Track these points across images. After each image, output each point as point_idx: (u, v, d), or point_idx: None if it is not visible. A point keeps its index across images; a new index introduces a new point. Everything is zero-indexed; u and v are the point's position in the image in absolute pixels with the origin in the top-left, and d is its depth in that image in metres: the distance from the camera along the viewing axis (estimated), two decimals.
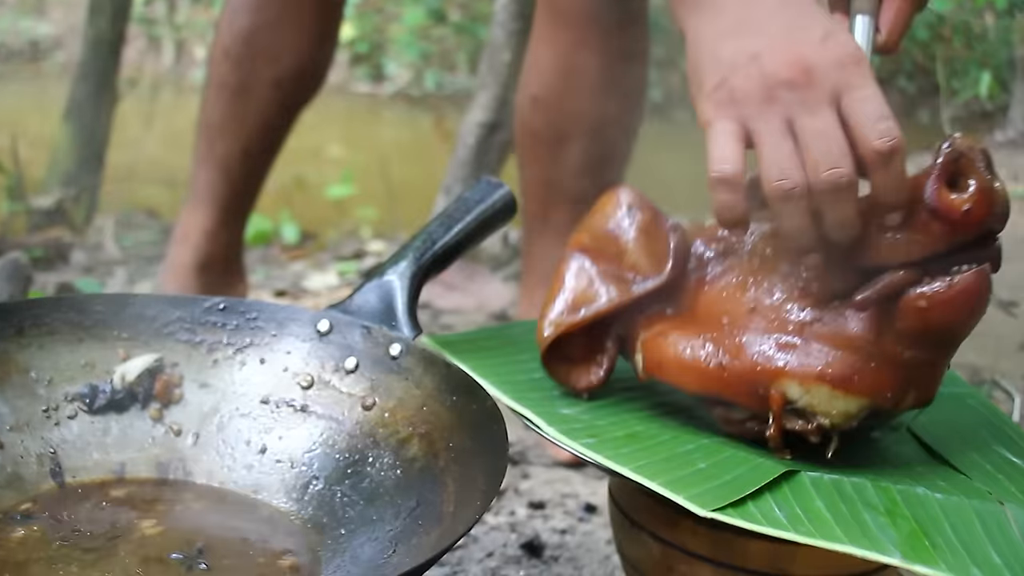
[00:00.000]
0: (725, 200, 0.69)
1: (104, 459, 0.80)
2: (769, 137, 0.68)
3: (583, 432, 0.73)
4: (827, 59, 0.67)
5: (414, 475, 0.75)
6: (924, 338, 0.67)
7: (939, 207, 0.65)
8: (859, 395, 0.67)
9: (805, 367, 0.68)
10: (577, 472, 1.20)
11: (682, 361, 0.73)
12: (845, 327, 0.68)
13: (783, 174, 0.67)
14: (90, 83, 2.34)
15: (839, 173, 0.66)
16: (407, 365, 0.80)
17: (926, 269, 0.66)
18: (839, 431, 0.68)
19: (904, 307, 0.66)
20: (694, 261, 0.77)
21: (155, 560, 0.70)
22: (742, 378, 0.70)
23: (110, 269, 2.05)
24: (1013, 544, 0.62)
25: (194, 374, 0.84)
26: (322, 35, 1.40)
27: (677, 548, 0.73)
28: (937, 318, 0.66)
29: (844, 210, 0.67)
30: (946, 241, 0.66)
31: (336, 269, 2.15)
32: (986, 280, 0.65)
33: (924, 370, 0.68)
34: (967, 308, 0.66)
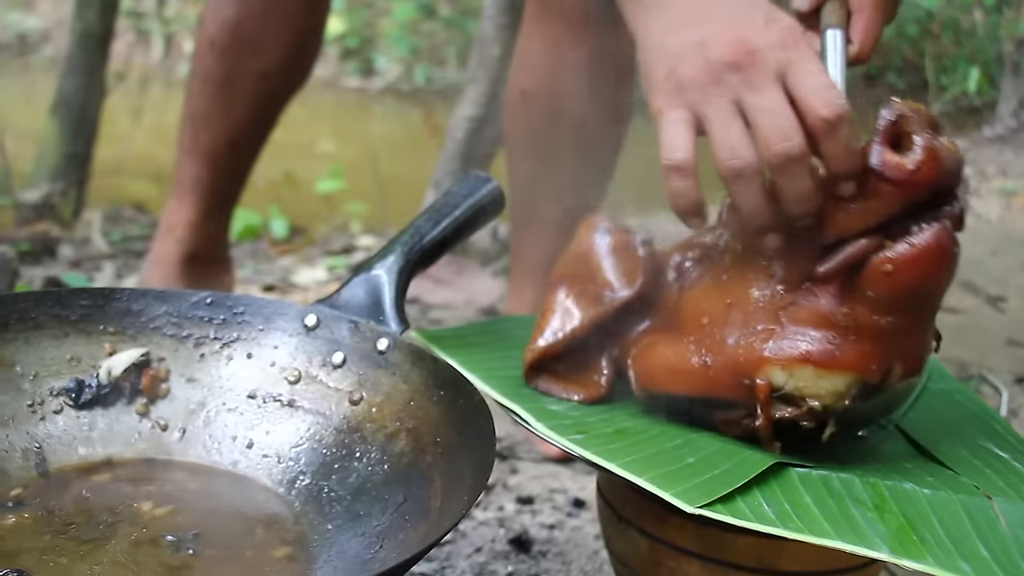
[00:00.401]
0: (678, 187, 0.70)
1: (90, 454, 0.79)
2: (718, 120, 0.69)
3: (571, 428, 0.73)
4: (769, 40, 0.68)
5: (401, 470, 0.74)
6: (896, 302, 0.66)
7: (885, 169, 0.65)
8: (844, 371, 0.67)
9: (786, 351, 0.68)
10: (566, 467, 1.20)
11: (669, 367, 0.74)
12: (820, 306, 0.68)
13: (734, 154, 0.68)
14: (78, 77, 2.33)
15: (790, 145, 0.66)
16: (394, 360, 0.80)
17: (888, 235, 0.66)
18: (833, 413, 0.68)
19: (871, 274, 0.66)
20: (674, 273, 0.78)
21: (148, 542, 0.70)
22: (727, 372, 0.70)
23: (98, 264, 2.05)
24: (1001, 538, 0.62)
25: (181, 369, 0.84)
26: (308, 26, 1.39)
27: (665, 543, 0.73)
28: (904, 279, 0.65)
29: (800, 183, 0.67)
30: (899, 202, 0.65)
31: (325, 264, 2.14)
32: (948, 236, 0.65)
33: (905, 337, 0.67)
34: (932, 265, 0.65)
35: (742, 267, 0.73)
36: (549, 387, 0.79)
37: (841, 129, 0.66)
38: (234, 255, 2.24)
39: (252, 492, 0.78)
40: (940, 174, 0.65)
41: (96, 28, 2.31)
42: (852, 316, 0.67)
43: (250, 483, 0.79)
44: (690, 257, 0.78)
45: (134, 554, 0.69)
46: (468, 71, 2.27)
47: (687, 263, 0.78)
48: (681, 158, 0.69)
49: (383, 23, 6.45)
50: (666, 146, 0.70)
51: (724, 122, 0.68)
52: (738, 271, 0.73)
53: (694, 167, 0.69)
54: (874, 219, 0.66)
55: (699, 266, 0.77)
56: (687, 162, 0.69)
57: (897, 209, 0.65)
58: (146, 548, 0.69)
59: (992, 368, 1.54)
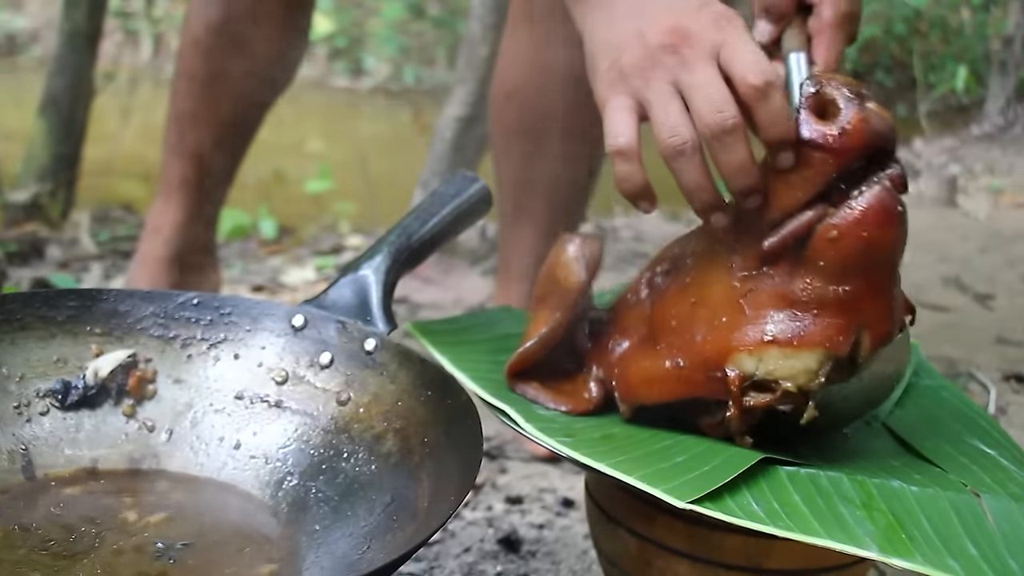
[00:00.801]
0: (623, 171, 0.72)
1: (76, 455, 0.79)
2: (657, 102, 0.70)
3: (559, 431, 0.73)
4: (703, 22, 0.71)
5: (389, 470, 0.74)
6: (848, 268, 0.66)
7: (813, 137, 0.66)
8: (811, 347, 0.67)
9: (750, 336, 0.68)
10: (555, 467, 1.20)
11: (646, 376, 0.74)
12: (777, 286, 0.68)
13: (673, 132, 0.69)
14: (66, 77, 2.32)
15: (723, 116, 0.68)
16: (382, 360, 0.80)
17: (831, 204, 0.67)
18: (810, 394, 0.67)
19: (818, 243, 0.66)
20: (646, 288, 0.79)
21: (132, 551, 0.69)
22: (699, 370, 0.70)
23: (86, 264, 2.04)
24: (989, 535, 0.62)
25: (168, 370, 0.83)
26: (293, 26, 1.39)
27: (654, 543, 0.73)
28: (850, 243, 0.65)
29: (736, 154, 0.68)
30: (834, 168, 0.66)
31: (314, 264, 2.14)
32: (889, 195, 0.65)
33: (867, 304, 0.67)
34: (876, 225, 0.65)
35: (704, 266, 0.74)
36: (535, 395, 0.79)
37: (772, 96, 0.68)
38: (223, 255, 2.24)
39: (239, 495, 0.78)
40: (869, 136, 0.65)
41: (84, 28, 2.30)
42: (810, 291, 0.67)
43: (237, 485, 0.79)
44: (659, 271, 0.79)
45: (115, 564, 0.68)
46: (456, 71, 2.26)
47: (657, 278, 0.79)
48: (624, 143, 0.71)
49: (372, 23, 6.44)
50: (609, 132, 0.72)
51: (663, 103, 0.70)
52: (700, 271, 0.74)
53: (637, 151, 0.71)
54: (813, 189, 0.67)
55: (668, 277, 0.78)
56: (630, 146, 0.71)
57: (833, 176, 0.66)
58: (129, 556, 0.69)
59: (980, 366, 1.54)
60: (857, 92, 0.67)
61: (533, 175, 1.34)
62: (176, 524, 0.74)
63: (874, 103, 0.67)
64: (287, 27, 1.37)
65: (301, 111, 4.91)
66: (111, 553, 0.69)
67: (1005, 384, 1.49)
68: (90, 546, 0.70)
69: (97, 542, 0.70)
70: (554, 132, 1.31)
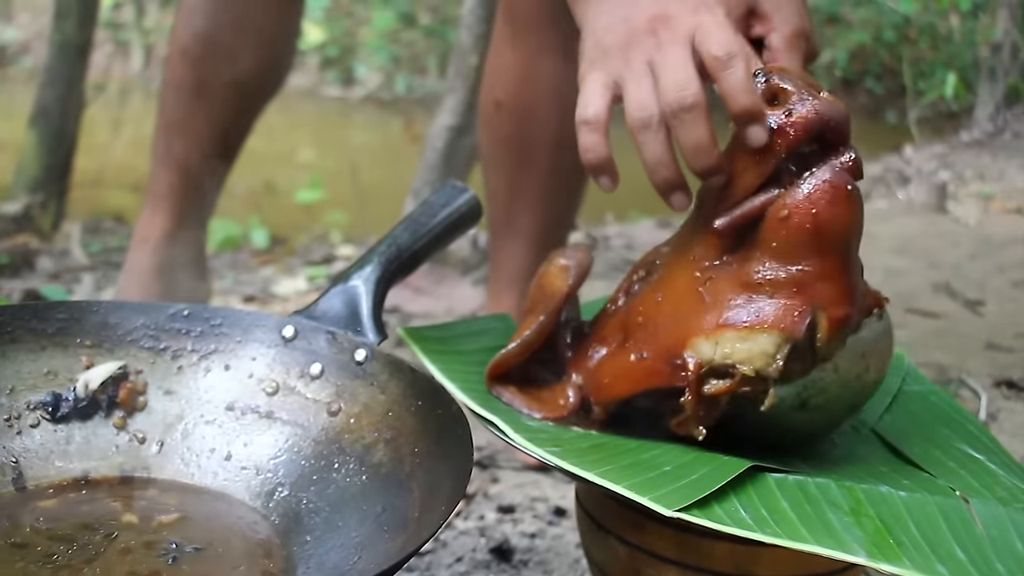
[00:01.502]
0: (586, 140, 0.75)
1: (67, 468, 0.79)
2: (631, 79, 0.74)
3: (548, 441, 0.73)
4: (684, 7, 0.74)
5: (379, 481, 0.74)
6: (800, 247, 0.67)
7: None
8: (766, 329, 0.67)
9: (707, 321, 0.69)
10: (546, 476, 1.20)
11: (614, 371, 0.75)
12: (734, 272, 0.69)
13: (640, 106, 0.72)
14: (57, 88, 2.32)
15: (684, 94, 0.71)
16: (372, 370, 0.80)
17: (783, 185, 0.68)
18: (770, 379, 0.67)
19: (770, 223, 0.68)
20: (623, 296, 0.80)
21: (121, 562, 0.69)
22: (661, 360, 0.71)
23: (77, 276, 2.04)
24: (977, 540, 0.63)
25: (158, 381, 0.83)
26: (281, 34, 1.39)
27: (643, 551, 0.73)
28: (800, 220, 0.67)
29: (695, 132, 0.71)
30: (782, 150, 0.68)
31: (306, 274, 2.14)
32: (839, 176, 0.67)
33: (821, 285, 0.67)
34: (825, 202, 0.66)
35: (670, 264, 0.75)
36: (512, 399, 0.80)
37: (734, 67, 0.70)
38: (214, 265, 2.24)
39: (230, 505, 0.78)
40: (816, 119, 0.67)
41: (75, 39, 2.31)
42: (764, 273, 0.68)
43: (228, 496, 0.79)
44: (636, 279, 0.80)
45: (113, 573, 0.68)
46: (447, 80, 2.27)
47: (635, 285, 0.80)
48: (591, 113, 0.74)
49: (363, 32, 6.45)
50: (580, 103, 0.75)
51: (636, 80, 0.73)
52: (666, 269, 0.75)
53: (603, 123, 0.74)
54: (764, 171, 0.68)
55: (643, 283, 0.79)
56: (597, 117, 0.74)
57: (783, 157, 0.68)
58: (126, 564, 0.69)
59: (971, 372, 1.55)
60: (807, 82, 0.69)
61: (522, 185, 1.34)
62: (178, 528, 0.74)
63: (826, 92, 0.69)
64: (274, 36, 1.37)
65: (292, 120, 4.91)
66: (113, 559, 0.69)
67: (996, 390, 1.49)
68: (91, 555, 0.70)
69: (94, 550, 0.70)
70: (544, 142, 1.31)
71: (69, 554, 0.70)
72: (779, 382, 0.68)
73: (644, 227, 2.64)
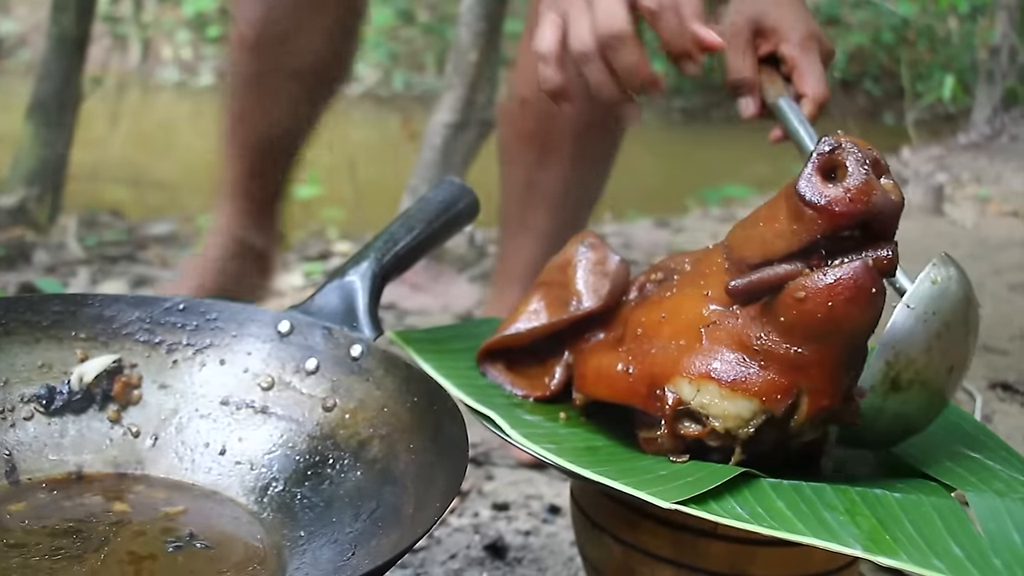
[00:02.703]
0: (543, 72, 0.88)
1: (60, 461, 0.79)
2: (572, 16, 0.86)
3: (544, 438, 0.73)
4: None
5: (374, 477, 0.74)
6: (806, 332, 0.65)
7: (807, 193, 0.64)
8: (748, 395, 0.67)
9: (696, 366, 0.68)
10: (541, 473, 1.20)
11: (599, 371, 0.75)
12: (738, 328, 0.68)
13: (578, 39, 0.85)
14: (54, 81, 2.32)
15: (610, 24, 0.83)
16: (368, 366, 0.80)
17: (810, 264, 0.66)
18: (738, 439, 0.68)
19: (785, 299, 0.65)
20: (636, 291, 0.80)
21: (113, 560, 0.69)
22: (644, 382, 0.71)
23: (73, 269, 2.04)
24: (973, 537, 0.63)
25: (153, 375, 0.83)
26: (341, 24, 1.37)
27: (638, 549, 0.73)
28: (814, 308, 0.64)
29: (623, 56, 0.83)
30: (821, 230, 0.64)
31: (302, 270, 2.14)
32: (867, 274, 0.64)
33: (814, 372, 0.66)
34: (844, 299, 0.64)
35: (684, 287, 0.74)
36: (498, 376, 0.82)
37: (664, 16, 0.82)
38: None
39: (224, 500, 0.78)
40: (866, 209, 0.64)
41: (72, 32, 2.30)
42: (764, 342, 0.67)
43: (222, 491, 0.79)
44: (653, 279, 0.80)
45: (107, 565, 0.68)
46: (445, 77, 2.27)
47: (648, 284, 0.80)
48: (545, 48, 0.87)
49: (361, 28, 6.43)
50: (536, 39, 0.88)
51: (575, 17, 0.85)
52: (680, 290, 0.74)
53: (556, 55, 0.87)
54: (797, 243, 0.65)
55: (656, 287, 0.79)
56: (550, 51, 0.87)
57: (820, 237, 0.65)
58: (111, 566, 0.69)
59: (967, 374, 1.54)
60: (875, 164, 0.65)
61: (540, 182, 1.34)
62: (178, 522, 0.74)
63: (889, 179, 0.66)
64: (333, 25, 1.35)
65: None
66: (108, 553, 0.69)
67: (991, 392, 1.49)
68: (86, 549, 0.70)
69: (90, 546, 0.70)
70: (566, 142, 1.31)
71: (74, 547, 0.70)
72: (749, 445, 0.68)
73: (642, 226, 2.64)
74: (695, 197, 3.09)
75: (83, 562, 0.68)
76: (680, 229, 2.61)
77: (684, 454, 0.70)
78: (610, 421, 0.77)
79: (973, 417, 0.81)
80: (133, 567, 0.69)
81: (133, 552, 0.70)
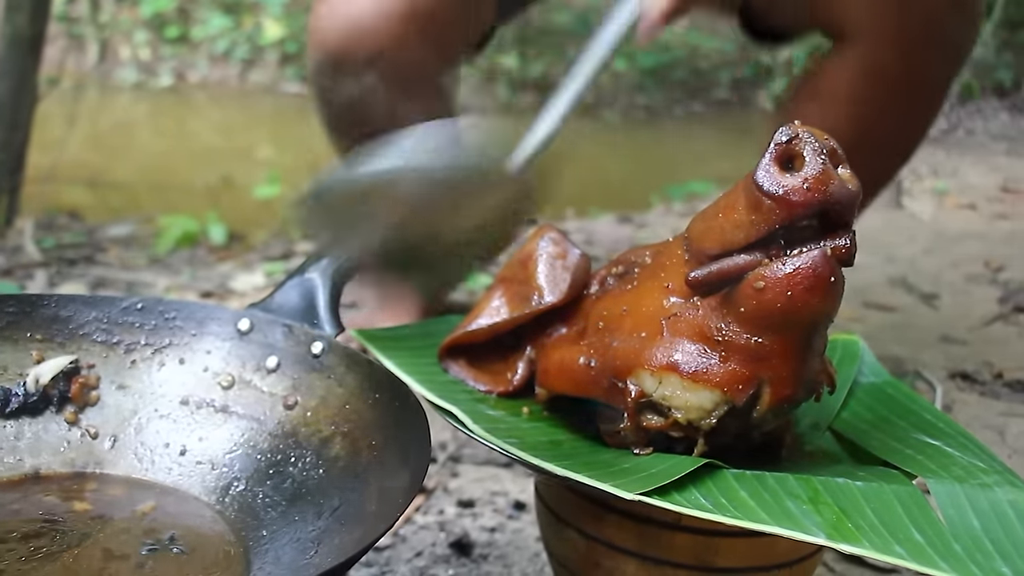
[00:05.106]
0: None
1: (16, 464, 0.77)
2: None
3: (508, 433, 0.73)
4: None
5: (336, 474, 0.74)
6: (765, 321, 0.65)
7: (765, 183, 0.64)
8: (710, 386, 0.67)
9: (657, 358, 0.68)
10: (507, 470, 1.20)
11: (561, 365, 0.75)
12: (699, 319, 0.68)
13: None
14: (9, 82, 2.28)
15: None
16: (329, 363, 0.79)
17: (769, 254, 0.65)
18: (701, 430, 0.68)
19: (744, 289, 0.65)
20: (596, 285, 0.80)
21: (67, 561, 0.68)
22: (605, 375, 0.71)
23: (30, 272, 2.01)
24: (934, 523, 0.63)
25: (111, 375, 0.82)
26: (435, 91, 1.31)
27: (603, 543, 0.73)
28: (772, 298, 0.64)
29: None
30: (779, 220, 0.64)
31: (264, 269, 2.12)
32: (825, 263, 0.64)
33: (775, 362, 0.66)
34: (803, 287, 0.64)
35: (646, 279, 0.74)
36: (460, 372, 0.82)
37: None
38: (171, 262, 2.22)
39: (185, 500, 0.77)
40: (823, 199, 0.64)
41: (27, 32, 2.27)
42: (725, 333, 0.67)
43: (183, 491, 0.78)
44: (614, 272, 0.80)
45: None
46: None
47: (609, 278, 0.80)
48: None
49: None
50: None
51: None
52: (641, 282, 0.74)
53: None
54: (755, 234, 0.65)
55: (617, 280, 0.79)
56: None
57: (778, 227, 0.64)
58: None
59: (927, 364, 1.56)
60: (832, 154, 0.65)
61: None
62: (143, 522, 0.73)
63: (846, 168, 0.66)
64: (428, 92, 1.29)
65: (251, 116, 4.86)
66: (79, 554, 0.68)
67: (951, 382, 1.51)
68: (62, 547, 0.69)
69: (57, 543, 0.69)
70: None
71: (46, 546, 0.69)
72: (711, 436, 0.68)
73: (604, 222, 2.64)
74: (658, 193, 3.10)
75: (56, 560, 0.67)
76: (643, 225, 2.62)
77: (647, 446, 0.70)
78: (573, 415, 0.77)
79: (933, 406, 0.81)
80: (102, 567, 0.68)
81: (108, 550, 0.69)
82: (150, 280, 2.03)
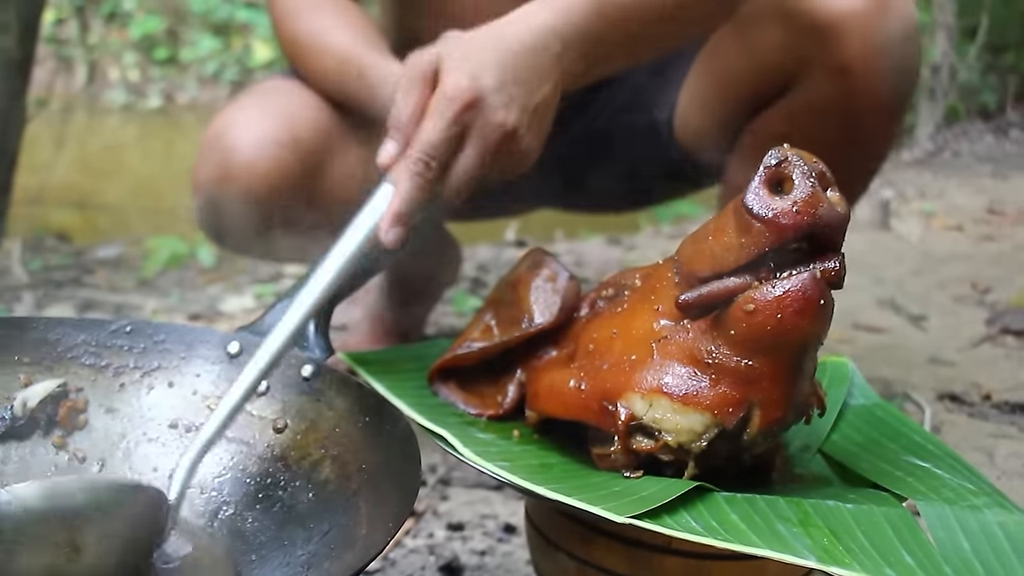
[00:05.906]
0: None
1: (3, 488, 0.77)
2: None
3: (498, 455, 0.73)
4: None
5: (326, 498, 0.73)
6: (756, 344, 0.66)
7: (755, 206, 0.65)
8: (701, 409, 0.67)
9: (647, 381, 0.68)
10: (497, 493, 1.20)
11: (551, 389, 0.75)
12: (689, 342, 0.68)
13: None
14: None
15: None
16: (319, 387, 0.79)
17: (759, 277, 0.65)
18: (691, 453, 0.68)
19: (734, 312, 0.66)
20: (587, 308, 0.81)
21: None
22: (595, 398, 0.71)
23: (17, 294, 2.00)
24: (924, 546, 0.63)
25: (100, 399, 0.82)
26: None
27: (593, 566, 0.72)
28: (763, 321, 0.64)
29: None
30: (769, 243, 0.64)
31: (253, 291, 2.12)
32: (815, 286, 0.64)
33: (766, 385, 0.67)
34: (792, 311, 0.64)
35: (635, 302, 0.74)
36: (450, 395, 0.82)
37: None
38: (160, 284, 2.21)
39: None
40: (812, 222, 0.64)
41: (16, 54, 2.26)
42: (715, 356, 0.67)
43: None
44: (603, 295, 0.80)
45: None
46: None
47: (599, 301, 0.80)
48: None
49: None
50: None
51: None
52: (631, 305, 0.74)
53: None
54: (745, 257, 0.65)
55: (607, 303, 0.79)
56: None
57: (767, 250, 0.65)
58: None
59: (915, 386, 1.56)
60: (821, 177, 0.65)
61: None
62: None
63: (834, 191, 0.66)
64: None
65: None
66: None
67: (939, 403, 1.51)
68: None
69: None
70: None
71: None
72: (702, 459, 0.68)
73: (594, 244, 2.65)
74: (647, 215, 3.11)
75: None
76: (632, 247, 2.62)
77: (638, 469, 0.70)
78: (563, 438, 0.77)
79: (922, 428, 0.82)
80: None
81: None
82: (138, 302, 2.02)
